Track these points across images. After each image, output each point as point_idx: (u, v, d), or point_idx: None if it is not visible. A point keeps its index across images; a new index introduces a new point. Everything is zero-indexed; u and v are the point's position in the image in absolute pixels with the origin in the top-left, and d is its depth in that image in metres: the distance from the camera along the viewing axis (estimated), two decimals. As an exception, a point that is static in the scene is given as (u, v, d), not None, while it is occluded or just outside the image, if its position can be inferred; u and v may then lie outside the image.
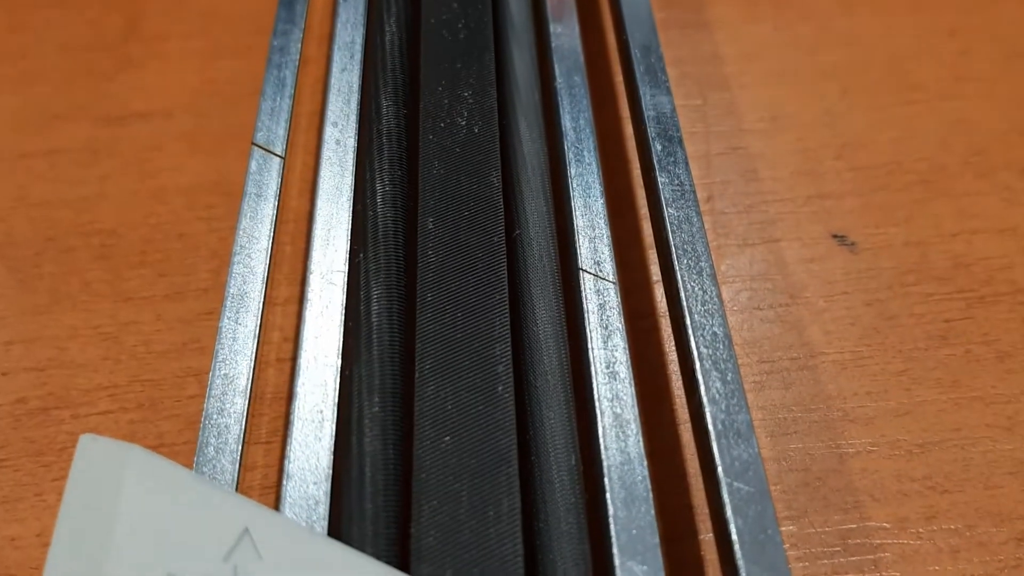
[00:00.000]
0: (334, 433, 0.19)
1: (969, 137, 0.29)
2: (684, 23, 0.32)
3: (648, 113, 0.24)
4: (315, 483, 0.18)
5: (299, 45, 0.27)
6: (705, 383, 0.19)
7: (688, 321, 0.20)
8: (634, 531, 0.18)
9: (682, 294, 0.21)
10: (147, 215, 0.27)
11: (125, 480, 0.17)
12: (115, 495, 0.17)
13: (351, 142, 0.24)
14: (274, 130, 0.25)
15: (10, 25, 0.33)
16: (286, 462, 0.19)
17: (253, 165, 0.24)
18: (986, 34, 0.32)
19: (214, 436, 0.19)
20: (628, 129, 0.28)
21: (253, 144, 0.24)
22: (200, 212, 0.27)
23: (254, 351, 0.20)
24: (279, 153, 0.24)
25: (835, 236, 0.26)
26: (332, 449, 0.19)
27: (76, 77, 0.31)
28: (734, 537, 0.17)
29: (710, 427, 0.18)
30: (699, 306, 0.20)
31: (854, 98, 0.30)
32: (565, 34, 0.27)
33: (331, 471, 0.18)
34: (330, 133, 0.25)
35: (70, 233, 0.27)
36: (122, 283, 0.25)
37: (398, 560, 0.17)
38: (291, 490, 0.18)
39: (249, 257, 0.22)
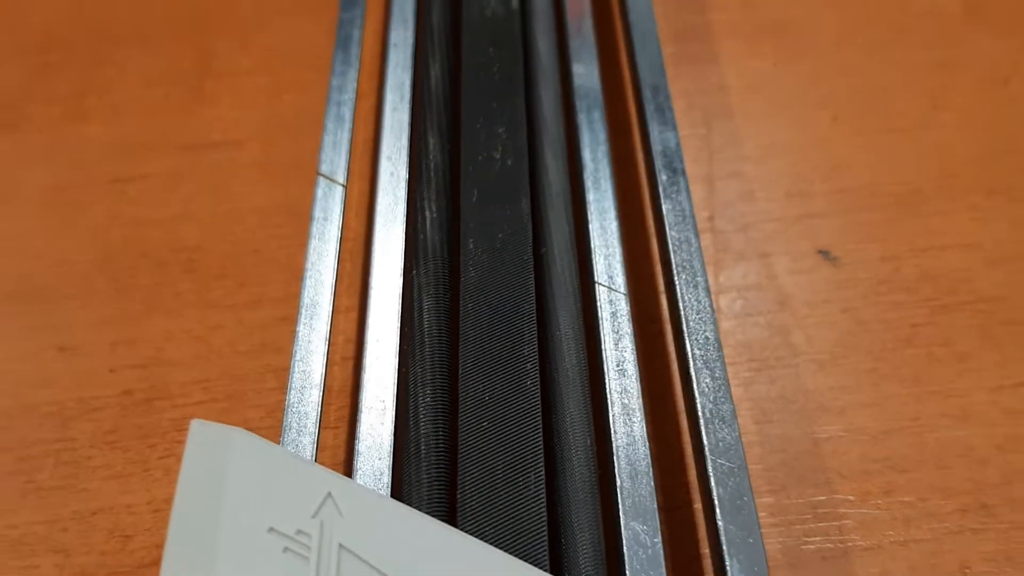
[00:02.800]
0: (394, 418, 0.23)
1: (943, 162, 0.32)
2: (693, 57, 0.36)
3: (656, 148, 0.28)
4: (380, 458, 0.23)
5: (355, 84, 0.31)
6: (697, 378, 0.23)
7: (684, 327, 0.24)
8: (637, 499, 0.22)
9: (680, 304, 0.25)
10: (226, 234, 0.31)
11: (231, 456, 0.21)
12: (223, 467, 0.21)
13: (403, 173, 0.29)
14: (336, 161, 0.29)
15: (95, 60, 0.38)
16: (356, 442, 0.23)
17: (319, 192, 0.28)
18: (965, 66, 0.35)
19: (296, 421, 0.24)
20: (640, 158, 0.32)
21: (319, 174, 0.29)
22: (272, 231, 0.31)
23: (326, 351, 0.25)
24: (341, 182, 0.29)
25: (820, 251, 0.30)
26: (393, 431, 0.23)
27: (157, 109, 0.36)
28: (716, 503, 0.21)
29: (700, 414, 0.22)
30: (694, 314, 0.24)
31: (843, 126, 0.34)
32: (586, 74, 0.31)
33: (393, 449, 0.23)
34: (385, 166, 0.29)
35: (161, 249, 0.31)
36: (208, 293, 0.30)
37: (447, 518, 0.22)
38: (361, 464, 0.22)
39: (319, 272, 0.26)
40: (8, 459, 0.27)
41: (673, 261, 0.26)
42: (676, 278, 0.25)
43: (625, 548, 0.21)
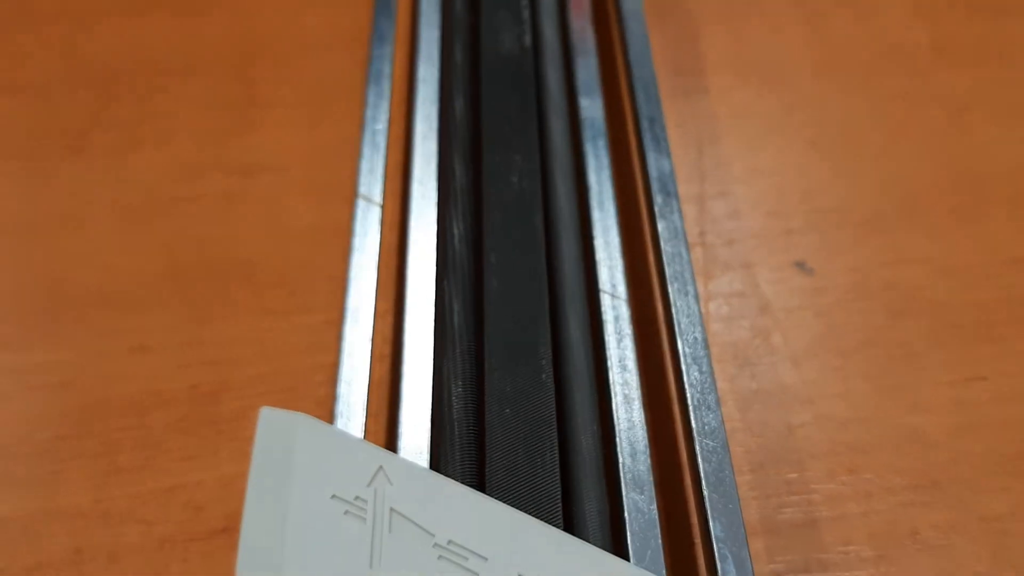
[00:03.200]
0: (430, 407, 0.28)
1: (905, 185, 0.37)
2: (688, 90, 0.40)
3: (652, 173, 0.33)
4: (419, 440, 0.27)
5: (387, 115, 0.36)
6: (687, 372, 0.27)
7: (677, 329, 0.28)
8: (636, 473, 0.26)
9: (673, 309, 0.29)
10: (277, 248, 0.36)
11: (297, 436, 0.25)
12: (291, 446, 0.25)
13: (433, 195, 0.33)
14: (372, 184, 0.33)
15: (150, 91, 0.42)
16: (399, 426, 0.27)
17: (359, 211, 0.33)
18: (929, 97, 0.40)
19: (346, 409, 0.28)
20: (639, 182, 0.37)
21: (358, 196, 0.33)
22: (317, 246, 0.35)
23: (370, 350, 0.29)
24: (378, 202, 0.33)
25: (796, 263, 0.34)
26: (430, 418, 0.27)
27: (210, 135, 0.40)
28: (702, 476, 0.25)
29: (689, 402, 0.27)
30: (684, 318, 0.29)
31: (818, 152, 0.38)
32: (592, 107, 0.36)
33: (430, 432, 0.27)
34: (417, 189, 0.33)
35: (220, 262, 0.35)
36: (263, 300, 0.34)
37: (477, 488, 0.26)
38: (404, 444, 0.27)
39: (361, 281, 0.31)
40: (94, 443, 0.31)
41: (667, 272, 0.30)
42: (669, 287, 0.29)
43: (626, 514, 0.25)
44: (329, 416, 0.28)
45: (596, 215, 0.32)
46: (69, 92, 0.42)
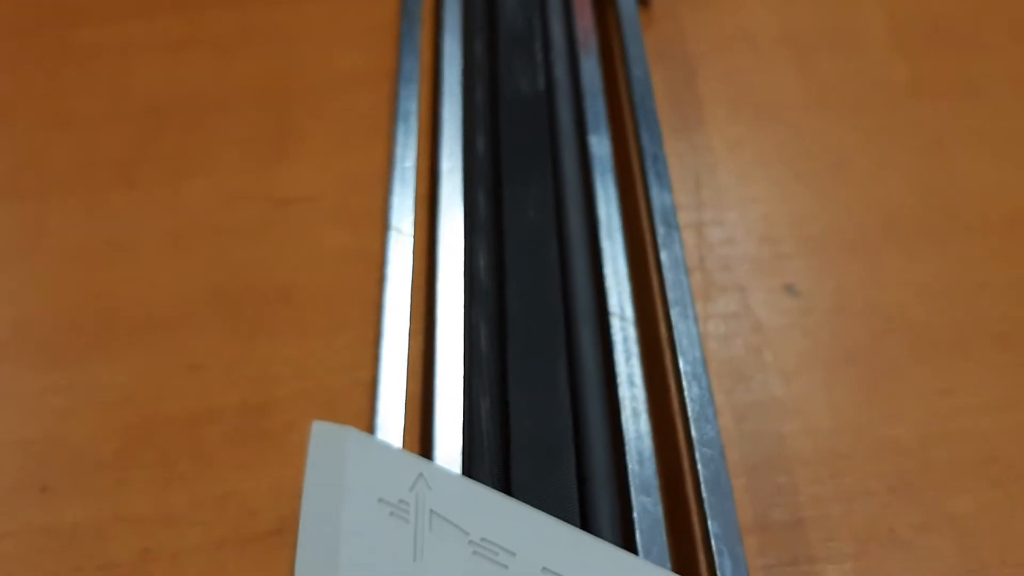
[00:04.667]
0: (462, 420, 0.31)
1: (886, 212, 0.40)
2: (686, 124, 0.44)
3: (655, 206, 0.36)
4: (452, 450, 0.30)
5: (415, 151, 0.39)
6: (688, 388, 0.31)
7: (678, 349, 0.32)
8: (644, 479, 0.30)
9: (675, 331, 0.32)
10: (313, 272, 0.39)
11: (346, 447, 0.29)
12: (341, 456, 0.29)
13: (459, 227, 0.36)
14: (403, 217, 0.37)
15: (191, 125, 0.45)
16: (434, 437, 0.31)
17: (391, 240, 0.36)
18: (908, 129, 0.43)
19: (384, 421, 0.31)
20: (644, 214, 0.40)
21: (390, 228, 0.36)
22: (351, 270, 0.39)
23: (405, 366, 0.32)
24: (408, 233, 0.37)
25: (786, 286, 0.38)
26: (462, 427, 0.31)
27: (246, 167, 0.43)
28: (702, 481, 0.29)
29: (690, 415, 0.30)
30: (685, 340, 0.32)
31: (805, 181, 0.42)
32: (600, 144, 0.39)
33: (461, 442, 0.30)
34: (444, 220, 0.37)
35: (259, 285, 0.39)
36: (302, 321, 0.37)
37: (504, 491, 0.29)
38: (439, 453, 0.30)
39: (395, 304, 0.34)
40: (155, 454, 0.35)
41: (669, 298, 0.33)
42: (671, 311, 0.33)
43: (636, 515, 0.29)
44: (369, 428, 0.31)
45: (606, 244, 0.36)
46: (116, 126, 0.45)
